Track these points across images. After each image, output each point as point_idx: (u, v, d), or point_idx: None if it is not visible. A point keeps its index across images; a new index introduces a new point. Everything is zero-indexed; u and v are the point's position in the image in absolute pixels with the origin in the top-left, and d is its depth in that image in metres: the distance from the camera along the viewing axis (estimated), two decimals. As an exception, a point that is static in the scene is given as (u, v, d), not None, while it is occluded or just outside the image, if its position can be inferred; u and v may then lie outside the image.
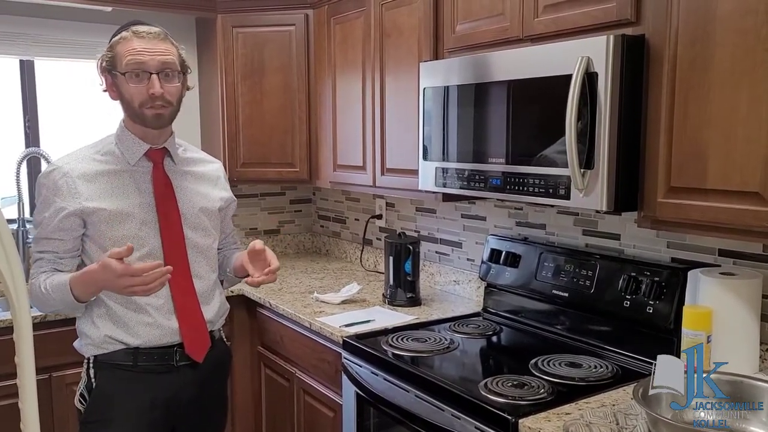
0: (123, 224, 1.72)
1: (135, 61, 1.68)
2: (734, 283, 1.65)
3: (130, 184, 1.76)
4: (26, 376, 0.93)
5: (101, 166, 1.75)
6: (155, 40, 1.72)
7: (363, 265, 3.33)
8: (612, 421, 1.49)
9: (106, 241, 1.71)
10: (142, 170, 1.78)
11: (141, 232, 1.73)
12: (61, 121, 3.17)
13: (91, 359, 1.75)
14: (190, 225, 1.81)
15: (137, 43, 1.70)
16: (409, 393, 1.89)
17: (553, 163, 1.74)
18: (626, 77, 1.61)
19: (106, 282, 1.60)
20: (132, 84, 1.70)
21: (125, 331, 1.73)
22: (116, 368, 1.73)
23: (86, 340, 1.76)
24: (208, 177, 1.92)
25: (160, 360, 1.75)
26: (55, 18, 3.00)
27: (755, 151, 1.39)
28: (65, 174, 1.71)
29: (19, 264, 0.90)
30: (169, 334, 1.75)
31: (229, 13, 3.07)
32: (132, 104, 1.71)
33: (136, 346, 1.73)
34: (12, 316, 0.92)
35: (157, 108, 1.71)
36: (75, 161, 1.75)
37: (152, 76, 1.69)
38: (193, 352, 1.78)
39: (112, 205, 1.71)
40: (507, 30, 1.97)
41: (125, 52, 1.69)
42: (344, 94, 2.81)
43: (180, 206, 1.80)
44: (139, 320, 1.73)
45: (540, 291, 2.23)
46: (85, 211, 1.70)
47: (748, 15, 1.38)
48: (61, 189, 1.70)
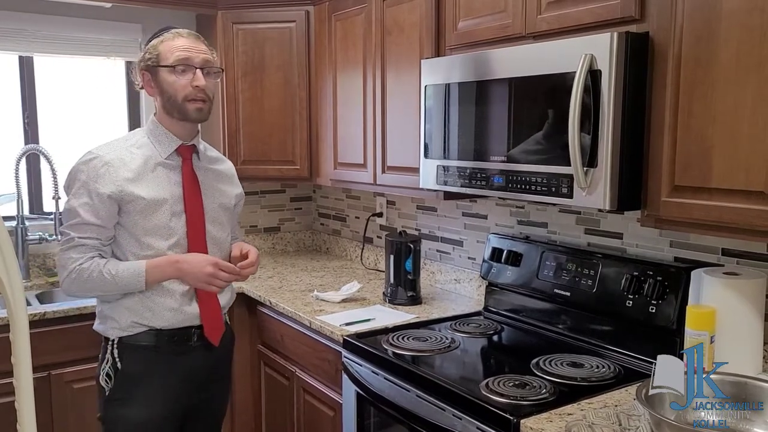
0: (155, 214, 1.84)
1: (183, 57, 1.83)
2: (738, 282, 1.64)
3: (163, 176, 1.87)
4: (23, 375, 0.92)
5: (138, 158, 1.86)
6: (197, 40, 1.89)
7: (363, 264, 3.32)
8: (615, 422, 1.48)
9: (139, 230, 1.83)
10: (173, 164, 1.90)
11: (171, 223, 1.86)
12: (60, 118, 3.16)
13: (115, 341, 1.86)
14: (211, 219, 1.95)
15: (182, 41, 1.85)
16: (409, 392, 1.88)
17: (556, 162, 1.73)
18: (630, 75, 1.60)
19: (193, 266, 1.82)
20: (179, 77, 1.83)
21: (152, 315, 1.85)
22: (140, 349, 1.85)
23: (112, 323, 1.86)
24: (225, 175, 2.06)
25: (180, 341, 1.88)
26: (54, 14, 2.99)
27: (760, 149, 1.38)
28: (106, 162, 1.81)
29: (16, 262, 0.89)
30: (190, 318, 1.89)
31: (229, 10, 3.06)
32: (175, 98, 1.84)
33: (160, 328, 1.86)
34: (8, 314, 0.91)
35: (199, 102, 1.85)
36: (114, 151, 1.85)
37: (197, 71, 1.84)
38: (211, 336, 1.92)
39: (149, 194, 1.83)
40: (509, 27, 1.96)
41: (172, 48, 1.84)
42: (345, 92, 2.80)
43: (204, 201, 1.93)
44: (165, 305, 1.85)
45: (541, 290, 2.22)
46: (126, 197, 1.79)
47: (753, 12, 1.37)
48: (103, 176, 1.79)
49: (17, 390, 0.92)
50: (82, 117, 3.17)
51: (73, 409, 2.53)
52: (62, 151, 2.87)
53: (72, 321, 2.52)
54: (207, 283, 1.84)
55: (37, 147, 2.90)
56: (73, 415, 2.54)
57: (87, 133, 3.13)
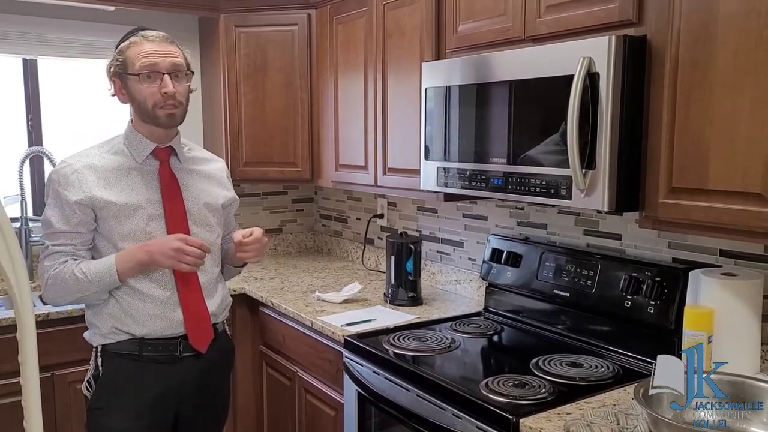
0: (131, 219, 1.78)
1: (148, 63, 1.75)
2: (735, 283, 1.65)
3: (138, 180, 1.82)
4: (29, 375, 0.93)
5: (110, 164, 1.81)
6: (164, 43, 1.79)
7: (364, 265, 3.33)
8: (613, 421, 1.49)
9: (115, 236, 1.78)
10: (150, 168, 1.84)
11: (148, 227, 1.80)
12: (64, 120, 3.17)
13: (99, 348, 1.82)
14: (195, 220, 1.87)
15: (148, 46, 1.76)
16: (410, 392, 1.89)
17: (555, 163, 1.75)
18: (628, 78, 1.61)
19: (160, 244, 1.73)
20: (145, 85, 1.76)
21: (132, 321, 1.78)
22: (122, 357, 1.79)
23: (95, 330, 1.82)
24: (212, 175, 1.98)
25: (165, 351, 1.81)
26: (58, 17, 3.01)
27: (757, 151, 1.39)
28: (76, 170, 1.77)
29: (23, 263, 0.91)
30: (173, 326, 1.81)
31: (231, 13, 3.07)
32: (145, 105, 1.77)
33: (141, 336, 1.79)
34: (15, 314, 0.92)
35: (170, 108, 1.78)
36: (85, 158, 1.81)
37: (164, 77, 1.76)
38: (197, 343, 1.84)
39: (121, 200, 1.77)
40: (509, 30, 1.97)
41: (137, 54, 1.76)
42: (346, 94, 2.82)
43: (185, 202, 1.86)
44: (145, 312, 1.79)
45: (541, 291, 2.23)
46: (96, 203, 1.75)
47: (750, 15, 1.38)
48: (72, 183, 1.76)
49: (24, 389, 0.94)
50: (86, 119, 3.19)
51: (76, 409, 2.54)
52: (66, 153, 2.87)
53: (75, 322, 2.52)
54: (176, 260, 1.72)
55: (40, 149, 2.91)
56: (76, 415, 2.55)
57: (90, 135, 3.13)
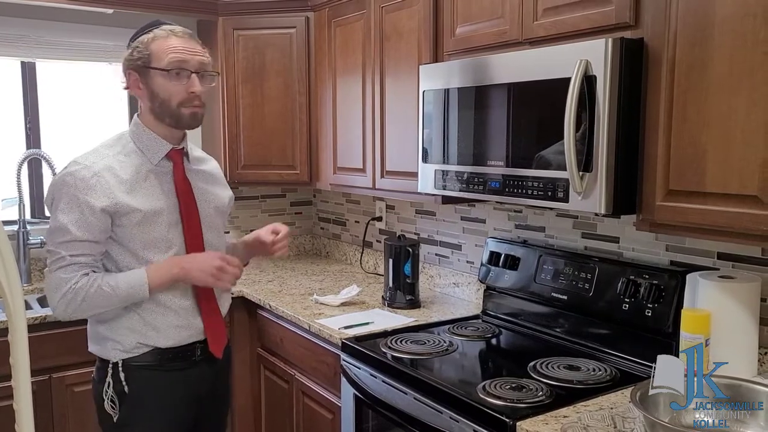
0: (153, 226, 1.71)
1: (177, 59, 1.68)
2: (733, 286, 1.65)
3: (155, 184, 1.74)
4: (21, 378, 0.93)
5: (128, 166, 1.72)
6: (191, 40, 1.74)
7: (363, 267, 3.33)
8: (610, 424, 1.49)
9: (137, 244, 1.70)
10: (163, 170, 1.77)
11: (169, 234, 1.74)
12: (62, 123, 3.17)
13: (119, 363, 1.73)
14: (207, 225, 1.84)
15: (176, 41, 1.70)
16: (407, 395, 1.89)
17: (552, 166, 1.74)
18: (625, 80, 1.61)
19: (199, 262, 1.70)
20: (172, 82, 1.69)
21: (156, 334, 1.74)
22: (144, 369, 1.75)
23: (114, 345, 1.74)
24: (214, 176, 1.96)
25: (184, 357, 1.80)
26: (56, 20, 3.01)
27: (754, 154, 1.39)
28: (96, 173, 1.66)
29: (15, 266, 0.90)
30: (195, 334, 1.80)
31: (230, 16, 3.07)
32: (169, 103, 1.70)
33: (164, 347, 1.76)
34: (7, 317, 0.92)
35: (195, 107, 1.73)
36: (100, 159, 1.70)
37: (192, 76, 1.70)
38: (215, 349, 1.84)
39: (145, 206, 1.70)
40: (506, 33, 1.97)
41: (165, 49, 1.68)
42: (344, 97, 2.82)
43: (199, 207, 1.82)
44: (169, 323, 1.75)
45: (539, 294, 2.22)
46: (121, 209, 1.66)
47: (746, 18, 1.38)
48: (94, 187, 1.64)
49: (15, 392, 0.93)
50: (84, 122, 3.19)
51: (73, 412, 2.54)
52: (64, 156, 2.86)
53: (73, 324, 2.52)
54: (216, 278, 1.70)
55: (39, 152, 2.92)
56: (73, 418, 2.55)
57: (88, 138, 3.13)
